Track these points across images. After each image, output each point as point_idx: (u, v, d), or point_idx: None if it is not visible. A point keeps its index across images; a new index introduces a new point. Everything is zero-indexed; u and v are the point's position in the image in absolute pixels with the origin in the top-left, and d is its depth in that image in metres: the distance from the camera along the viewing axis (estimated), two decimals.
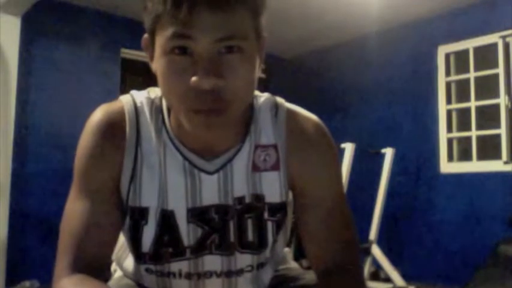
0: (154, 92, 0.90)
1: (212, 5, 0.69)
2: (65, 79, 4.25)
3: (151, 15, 0.74)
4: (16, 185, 3.80)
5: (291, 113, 0.91)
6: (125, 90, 4.40)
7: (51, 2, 4.16)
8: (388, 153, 4.29)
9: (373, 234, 4.15)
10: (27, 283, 3.71)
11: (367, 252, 4.08)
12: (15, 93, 3.81)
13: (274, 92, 0.96)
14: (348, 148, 4.22)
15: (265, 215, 0.88)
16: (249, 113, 0.88)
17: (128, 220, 0.86)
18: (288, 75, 5.51)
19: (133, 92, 0.90)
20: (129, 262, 0.94)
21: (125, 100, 0.87)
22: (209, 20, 0.70)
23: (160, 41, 0.74)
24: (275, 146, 0.88)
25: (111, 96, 4.10)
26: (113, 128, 0.84)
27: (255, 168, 0.87)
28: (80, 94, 4.27)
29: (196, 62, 0.71)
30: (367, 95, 5.06)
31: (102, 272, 0.83)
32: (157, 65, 0.77)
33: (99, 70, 4.46)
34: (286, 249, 1.08)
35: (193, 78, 0.71)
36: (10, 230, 3.68)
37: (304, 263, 4.56)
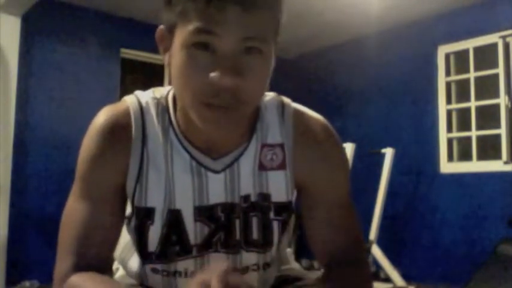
0: (159, 91, 0.90)
1: (241, 4, 0.70)
2: (65, 79, 4.26)
3: (177, 8, 0.74)
4: (16, 185, 3.80)
5: (297, 113, 0.91)
6: (125, 90, 4.40)
7: (51, 2, 4.16)
8: (388, 153, 4.29)
9: (373, 234, 4.15)
10: (27, 283, 3.71)
11: (367, 252, 4.09)
12: (15, 93, 3.81)
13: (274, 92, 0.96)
14: (348, 148, 4.23)
15: (271, 214, 0.88)
16: (256, 111, 0.88)
17: (134, 220, 0.86)
18: (288, 75, 5.50)
19: (138, 93, 0.90)
20: (134, 262, 0.94)
21: (130, 101, 0.87)
22: (236, 19, 0.70)
23: (182, 34, 0.74)
24: (282, 145, 0.88)
25: (111, 96, 4.12)
26: (117, 130, 0.84)
27: (262, 167, 0.87)
28: (80, 94, 4.27)
29: (218, 59, 0.72)
30: (367, 95, 5.06)
31: (103, 270, 0.84)
32: (173, 58, 0.76)
33: (99, 70, 4.47)
34: (289, 250, 1.08)
35: (214, 74, 0.71)
36: (10, 230, 3.69)
37: (304, 263, 4.56)
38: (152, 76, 4.83)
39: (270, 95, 0.92)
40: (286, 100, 0.93)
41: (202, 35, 0.72)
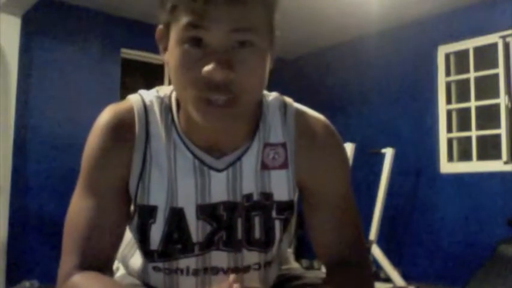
0: (163, 90, 0.90)
1: None
2: (65, 79, 4.26)
3: (168, 5, 0.75)
4: (16, 185, 3.80)
5: (299, 113, 0.91)
6: (125, 90, 4.40)
7: (51, 2, 4.16)
8: (388, 153, 4.29)
9: (373, 234, 4.15)
10: (27, 283, 3.71)
11: (367, 252, 4.09)
12: (15, 93, 3.81)
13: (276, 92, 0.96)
14: (348, 148, 4.23)
15: (273, 213, 0.89)
16: (258, 111, 0.89)
17: (136, 218, 0.87)
18: (289, 75, 5.50)
19: (142, 91, 0.90)
20: (136, 260, 0.95)
21: (134, 99, 0.88)
22: (224, 12, 0.71)
23: (175, 31, 0.75)
24: (284, 145, 0.88)
25: (112, 97, 4.11)
26: (121, 128, 0.84)
27: (264, 166, 0.87)
28: (80, 94, 4.27)
29: (210, 54, 0.73)
30: (367, 95, 5.06)
31: (107, 270, 0.84)
32: (170, 56, 0.78)
33: (99, 70, 4.47)
34: (289, 250, 1.09)
35: (206, 68, 0.72)
36: (10, 230, 3.68)
37: (304, 263, 4.57)
38: (152, 76, 4.83)
39: (272, 95, 0.93)
40: (289, 100, 0.93)
41: (193, 30, 0.73)
